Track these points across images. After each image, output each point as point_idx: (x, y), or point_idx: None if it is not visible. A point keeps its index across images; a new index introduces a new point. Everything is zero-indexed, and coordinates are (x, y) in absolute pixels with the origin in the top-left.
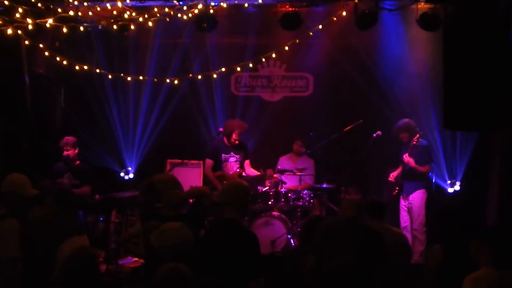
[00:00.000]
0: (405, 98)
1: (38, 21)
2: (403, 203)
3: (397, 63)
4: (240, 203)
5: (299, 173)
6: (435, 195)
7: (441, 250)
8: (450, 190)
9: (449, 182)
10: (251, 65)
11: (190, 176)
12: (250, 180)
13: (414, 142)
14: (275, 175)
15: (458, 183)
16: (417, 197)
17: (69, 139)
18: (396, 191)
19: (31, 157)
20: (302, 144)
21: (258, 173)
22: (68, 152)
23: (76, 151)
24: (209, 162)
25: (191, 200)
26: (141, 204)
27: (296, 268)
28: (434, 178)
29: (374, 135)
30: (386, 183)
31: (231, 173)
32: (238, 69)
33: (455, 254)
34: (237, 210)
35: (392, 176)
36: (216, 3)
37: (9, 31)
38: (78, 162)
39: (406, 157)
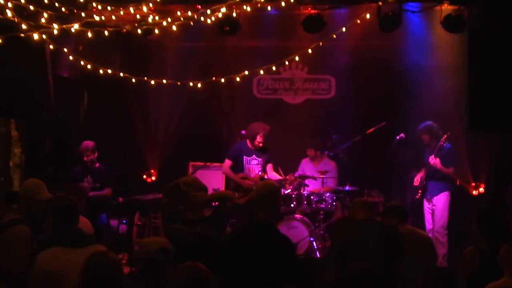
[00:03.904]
0: (429, 100)
1: (64, 26)
2: (427, 206)
3: (421, 65)
4: (274, 205)
5: (321, 176)
6: (459, 198)
7: (477, 253)
8: (474, 192)
9: (473, 184)
10: (274, 68)
11: (213, 178)
12: None
13: (441, 143)
14: (295, 182)
15: (482, 186)
16: (441, 200)
17: (89, 144)
18: (419, 194)
19: (54, 159)
20: (314, 150)
21: (280, 177)
22: (88, 158)
23: (96, 154)
24: (227, 162)
25: (214, 204)
26: (165, 206)
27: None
28: (458, 181)
29: (397, 137)
30: (409, 187)
31: (252, 176)
32: (262, 72)
33: (494, 258)
34: (271, 212)
35: (417, 180)
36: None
37: (36, 36)
38: (97, 164)
39: (432, 159)
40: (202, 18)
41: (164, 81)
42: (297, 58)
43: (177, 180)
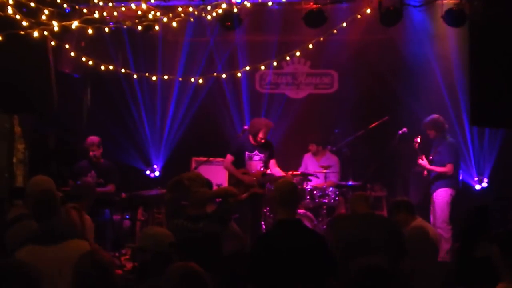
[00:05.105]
0: (431, 94)
1: (64, 23)
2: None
3: (423, 59)
4: (294, 201)
5: (324, 171)
6: (462, 193)
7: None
8: (477, 187)
9: (476, 179)
10: (275, 63)
11: (216, 174)
12: (274, 180)
13: (416, 146)
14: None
15: (485, 180)
16: (440, 195)
17: (94, 139)
18: (428, 185)
19: (58, 155)
20: (316, 145)
21: (283, 173)
22: (94, 153)
23: (101, 150)
24: (229, 157)
25: (217, 200)
26: (168, 201)
27: None
28: (461, 175)
29: (400, 132)
30: (412, 181)
31: (254, 171)
32: (263, 67)
33: (469, 255)
34: (291, 209)
35: (426, 172)
36: (240, 2)
37: (36, 33)
38: (102, 160)
39: (420, 160)
40: (203, 14)
41: (166, 77)
42: (298, 54)
43: (180, 175)
